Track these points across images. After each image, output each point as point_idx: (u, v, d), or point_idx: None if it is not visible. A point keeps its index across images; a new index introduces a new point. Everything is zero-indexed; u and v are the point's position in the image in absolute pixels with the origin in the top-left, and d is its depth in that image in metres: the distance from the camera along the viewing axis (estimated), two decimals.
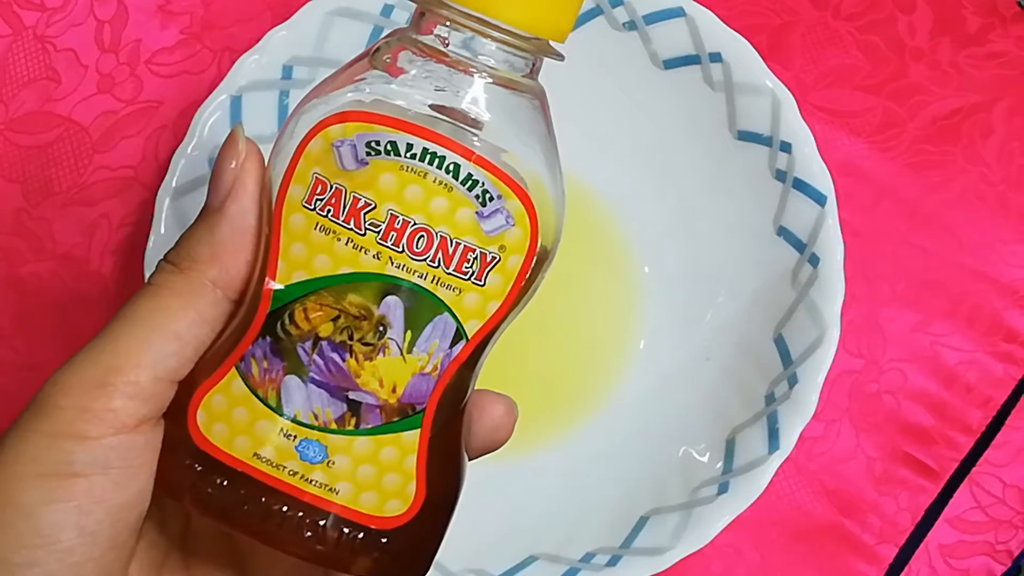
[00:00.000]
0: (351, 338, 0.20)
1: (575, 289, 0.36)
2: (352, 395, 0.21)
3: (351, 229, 0.20)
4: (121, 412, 0.19)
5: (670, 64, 0.33)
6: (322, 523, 0.21)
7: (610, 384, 0.35)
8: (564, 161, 0.36)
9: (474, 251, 0.20)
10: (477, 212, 0.20)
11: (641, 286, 0.35)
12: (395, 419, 0.21)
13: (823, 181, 0.31)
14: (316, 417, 0.20)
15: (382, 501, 0.21)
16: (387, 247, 0.20)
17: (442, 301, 0.20)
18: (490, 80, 0.21)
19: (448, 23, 0.20)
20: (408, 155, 0.20)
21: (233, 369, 0.21)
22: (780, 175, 0.32)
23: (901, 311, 0.36)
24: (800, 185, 0.32)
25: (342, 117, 0.20)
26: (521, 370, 0.36)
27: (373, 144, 0.20)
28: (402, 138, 0.20)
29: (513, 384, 0.35)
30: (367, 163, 0.20)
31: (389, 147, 0.20)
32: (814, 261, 0.31)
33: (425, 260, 0.20)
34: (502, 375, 0.35)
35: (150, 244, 0.31)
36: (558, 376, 0.35)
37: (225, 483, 0.20)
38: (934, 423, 0.36)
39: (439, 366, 0.21)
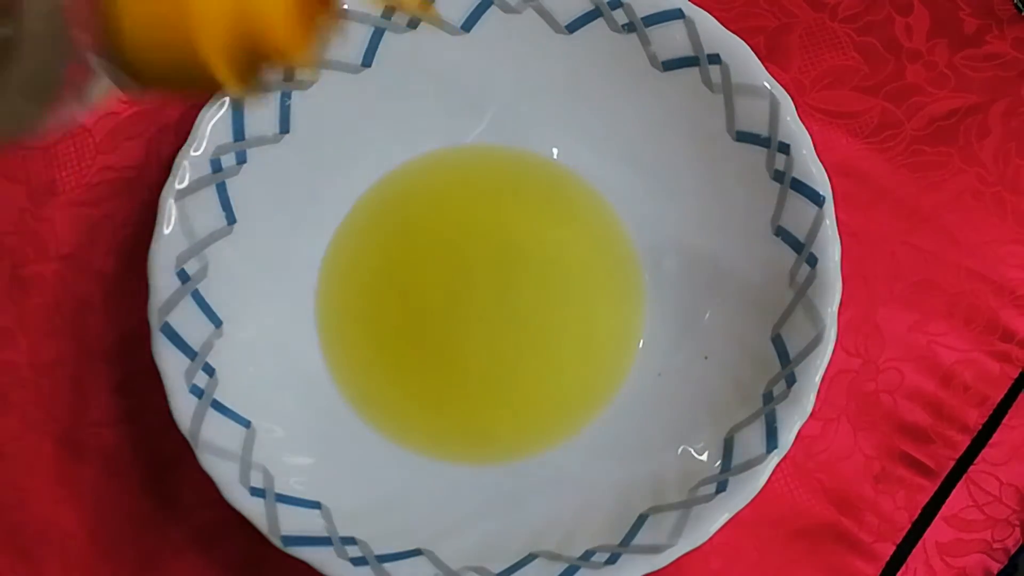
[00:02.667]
0: None
1: (574, 289, 0.36)
2: None
3: None
4: None
5: (669, 66, 0.34)
6: None
7: (610, 384, 0.35)
8: (563, 161, 0.36)
9: None
10: None
11: (640, 286, 0.36)
12: None
13: (821, 182, 0.32)
14: None
15: None
16: None
17: None
18: None
19: None
20: None
21: None
22: (778, 176, 0.32)
23: (898, 310, 0.36)
24: (798, 186, 0.32)
25: None
26: (521, 370, 0.36)
27: None
28: None
29: (513, 384, 0.36)
30: None
31: None
32: (812, 261, 0.31)
33: None
34: (502, 374, 0.35)
35: (153, 244, 0.31)
36: (558, 376, 0.36)
37: None
38: (931, 422, 0.36)
39: None
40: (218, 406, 0.31)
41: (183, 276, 0.31)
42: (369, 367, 0.35)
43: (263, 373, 0.33)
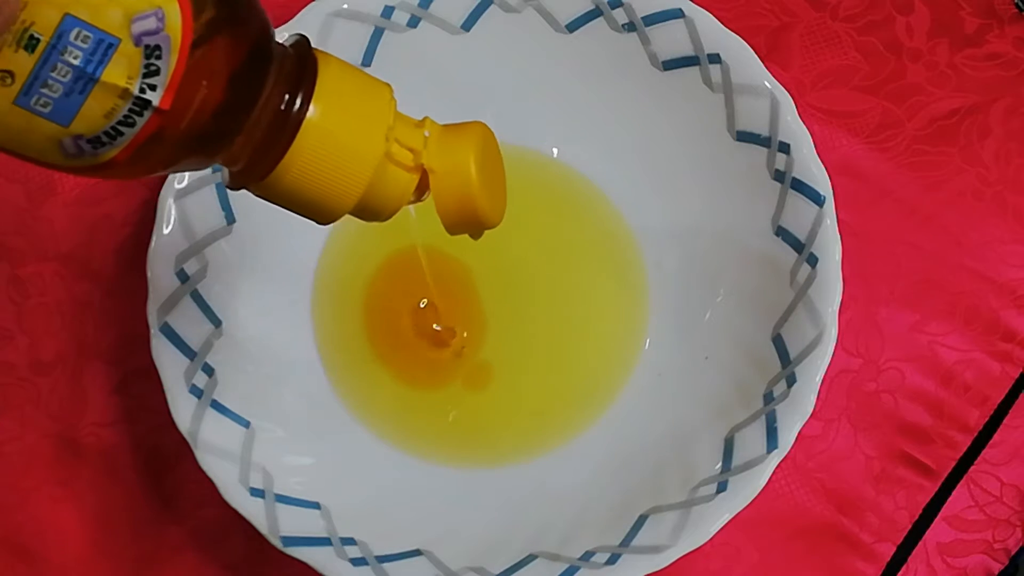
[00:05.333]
0: None
1: (578, 291, 0.36)
2: None
3: None
4: None
5: (669, 65, 0.34)
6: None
7: (614, 385, 0.35)
8: (563, 160, 0.36)
9: None
10: None
11: (644, 287, 0.36)
12: None
13: (821, 181, 0.32)
14: None
15: None
16: None
17: None
18: None
19: None
20: None
21: None
22: (779, 175, 0.32)
23: (899, 310, 0.36)
24: (798, 185, 0.32)
25: None
26: (524, 373, 0.36)
27: None
28: None
29: (516, 387, 0.35)
30: None
31: None
32: (812, 261, 0.31)
33: None
34: (504, 378, 0.35)
35: (153, 244, 0.31)
36: (562, 379, 0.36)
37: None
38: (932, 422, 0.36)
39: None
40: (217, 406, 0.31)
41: (182, 276, 0.31)
42: (367, 369, 0.35)
43: (263, 373, 0.33)
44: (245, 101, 0.20)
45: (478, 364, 0.35)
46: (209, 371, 0.31)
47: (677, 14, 0.33)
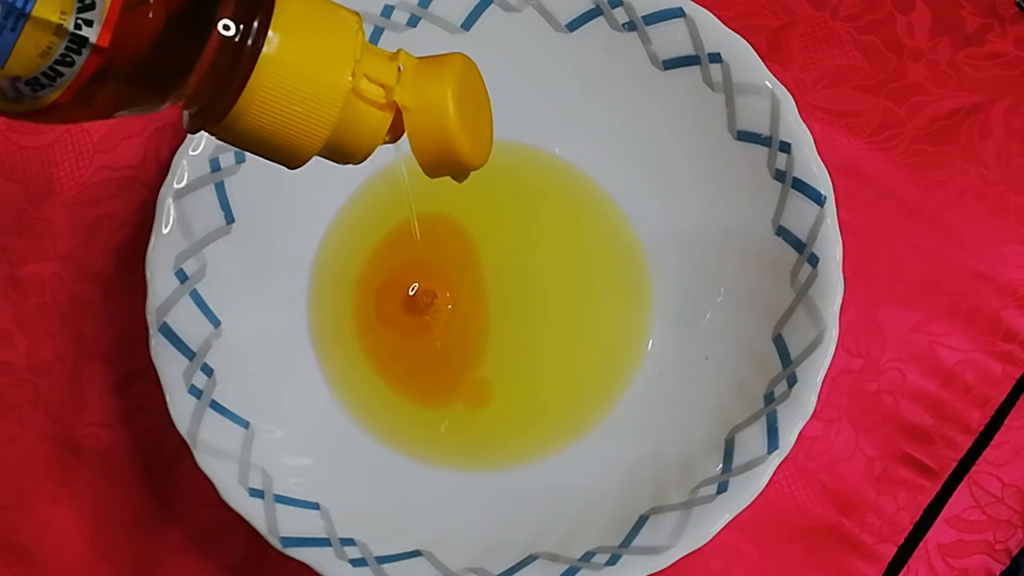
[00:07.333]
0: None
1: (581, 293, 0.36)
2: None
3: None
4: None
5: (669, 65, 0.33)
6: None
7: (616, 387, 0.35)
8: (565, 161, 0.36)
9: None
10: None
11: (648, 288, 0.36)
12: None
13: (822, 181, 0.31)
14: None
15: None
16: None
17: None
18: None
19: None
20: None
21: None
22: (779, 175, 0.32)
23: (900, 311, 0.36)
24: (799, 185, 0.32)
25: None
26: (529, 376, 0.36)
27: None
28: None
29: (521, 391, 0.35)
30: None
31: None
32: (813, 261, 0.31)
33: None
34: (510, 381, 0.35)
35: (152, 244, 0.31)
36: (566, 381, 0.35)
37: None
38: (933, 423, 0.36)
39: None
40: (217, 407, 0.31)
41: (181, 276, 0.31)
42: (365, 372, 0.35)
43: (262, 373, 0.33)
44: (193, 35, 0.19)
45: (480, 372, 0.35)
46: (208, 371, 0.31)
47: (677, 13, 0.33)
